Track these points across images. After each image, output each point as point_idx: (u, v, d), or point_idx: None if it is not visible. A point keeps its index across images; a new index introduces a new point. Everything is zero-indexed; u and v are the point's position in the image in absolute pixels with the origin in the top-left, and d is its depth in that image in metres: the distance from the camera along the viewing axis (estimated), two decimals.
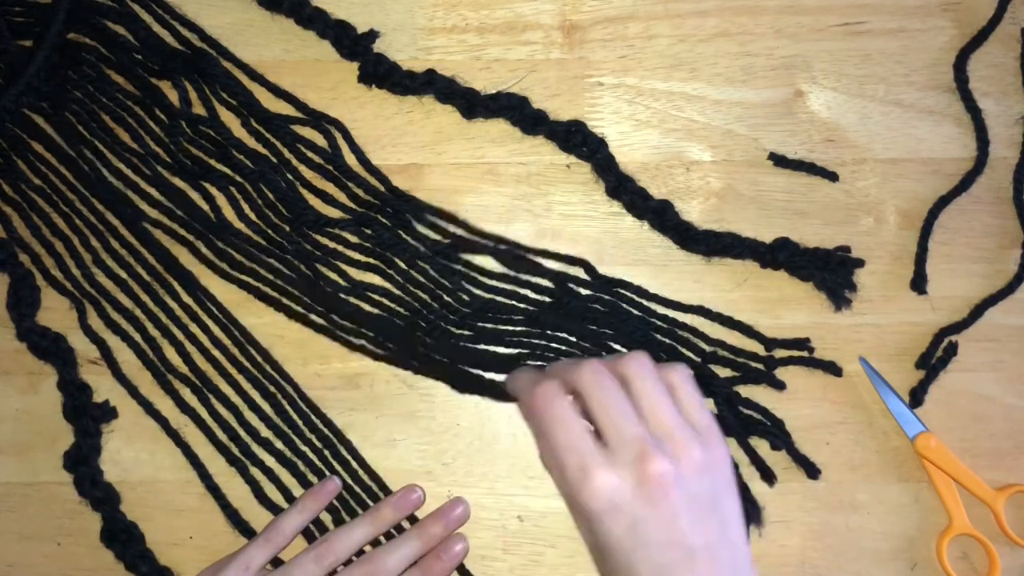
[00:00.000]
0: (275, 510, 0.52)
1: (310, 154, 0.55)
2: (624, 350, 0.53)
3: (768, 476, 0.52)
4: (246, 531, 0.52)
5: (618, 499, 0.40)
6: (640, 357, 0.43)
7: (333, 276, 0.54)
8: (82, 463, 0.52)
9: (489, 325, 0.53)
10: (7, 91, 0.54)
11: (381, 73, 0.55)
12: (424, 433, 0.54)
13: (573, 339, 0.53)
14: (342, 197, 0.55)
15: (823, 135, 0.56)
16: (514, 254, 0.54)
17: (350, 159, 0.55)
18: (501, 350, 0.53)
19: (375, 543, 0.51)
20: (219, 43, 0.56)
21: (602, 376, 0.42)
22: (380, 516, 0.51)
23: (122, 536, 0.52)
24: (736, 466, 0.52)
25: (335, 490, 0.52)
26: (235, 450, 0.53)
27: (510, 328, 0.53)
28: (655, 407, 0.42)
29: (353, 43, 0.56)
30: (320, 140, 0.55)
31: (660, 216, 0.54)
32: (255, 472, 0.53)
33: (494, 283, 0.54)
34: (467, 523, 0.52)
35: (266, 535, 0.50)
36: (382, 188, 0.55)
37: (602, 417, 0.42)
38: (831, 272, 0.54)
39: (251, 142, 0.55)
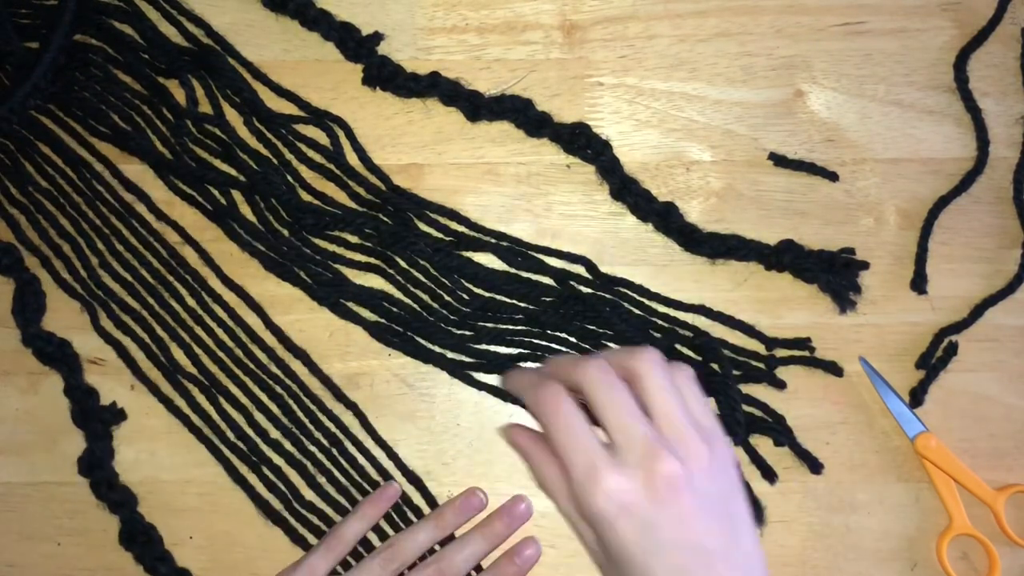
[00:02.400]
0: (288, 504, 0.52)
1: (311, 153, 0.55)
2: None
3: (769, 475, 0.52)
4: (277, 520, 0.52)
5: (628, 501, 0.39)
6: (651, 353, 0.42)
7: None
8: (97, 467, 0.51)
9: (489, 324, 0.53)
10: (14, 93, 0.54)
11: (385, 76, 0.55)
12: (424, 433, 0.54)
13: (573, 339, 0.53)
14: (343, 196, 0.55)
15: (823, 135, 0.56)
16: (516, 250, 0.54)
17: (352, 158, 0.55)
18: (501, 349, 0.54)
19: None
20: (225, 39, 0.56)
21: (606, 374, 0.41)
22: (443, 519, 0.51)
23: (141, 538, 0.51)
24: (737, 465, 0.52)
25: (395, 496, 0.52)
26: (244, 448, 0.52)
27: (510, 327, 0.53)
28: (665, 406, 0.41)
29: (357, 45, 0.55)
30: (322, 139, 0.55)
31: (664, 218, 0.54)
32: (263, 469, 0.52)
33: (495, 281, 0.54)
34: (466, 525, 0.52)
35: (327, 543, 0.49)
36: (383, 187, 0.55)
37: (608, 416, 0.41)
38: (836, 274, 0.53)
39: (253, 141, 0.55)
